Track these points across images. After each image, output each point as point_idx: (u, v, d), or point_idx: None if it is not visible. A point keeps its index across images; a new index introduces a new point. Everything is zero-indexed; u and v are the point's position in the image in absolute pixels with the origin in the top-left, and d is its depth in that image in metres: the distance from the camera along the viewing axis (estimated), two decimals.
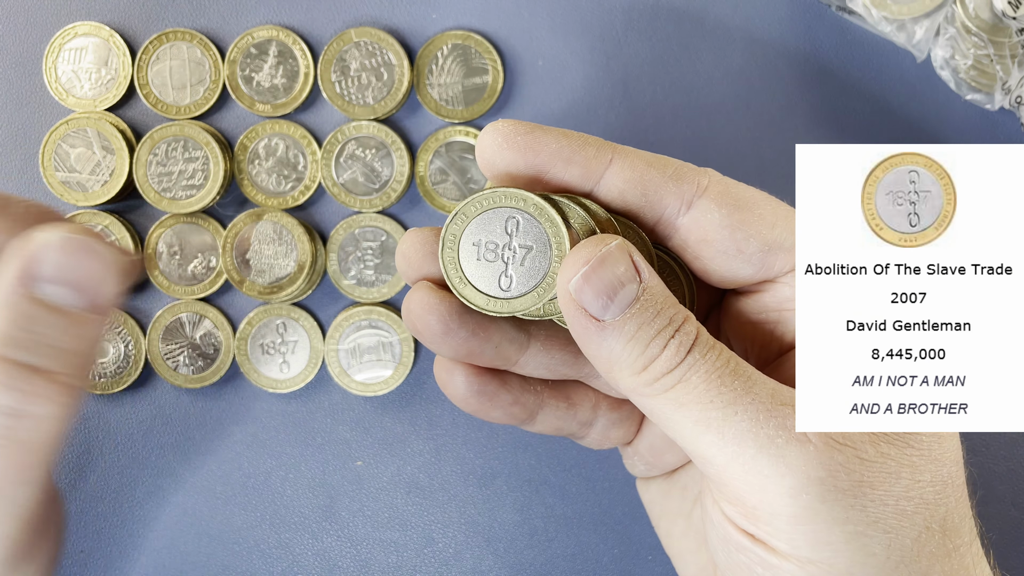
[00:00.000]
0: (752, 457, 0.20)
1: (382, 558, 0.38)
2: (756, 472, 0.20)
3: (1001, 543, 0.37)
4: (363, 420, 0.38)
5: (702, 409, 0.20)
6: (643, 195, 0.22)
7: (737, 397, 0.20)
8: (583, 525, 0.37)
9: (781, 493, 0.20)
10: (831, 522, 0.20)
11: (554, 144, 0.22)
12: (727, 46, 0.38)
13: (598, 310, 0.21)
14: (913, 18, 0.36)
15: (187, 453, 0.38)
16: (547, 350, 0.25)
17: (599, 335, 0.21)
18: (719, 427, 0.20)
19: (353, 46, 0.38)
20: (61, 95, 0.38)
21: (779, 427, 0.20)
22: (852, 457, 0.20)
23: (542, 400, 0.25)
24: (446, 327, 0.23)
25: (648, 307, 0.21)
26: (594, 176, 0.22)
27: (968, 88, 0.37)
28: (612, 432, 0.27)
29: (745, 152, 0.38)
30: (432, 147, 0.38)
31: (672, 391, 0.21)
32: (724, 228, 0.22)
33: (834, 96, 0.38)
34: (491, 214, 0.22)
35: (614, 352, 0.21)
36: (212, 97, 0.38)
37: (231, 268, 0.37)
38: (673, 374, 0.21)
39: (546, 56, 0.39)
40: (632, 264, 0.21)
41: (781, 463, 0.20)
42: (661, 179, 0.22)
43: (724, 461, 0.20)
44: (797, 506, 0.20)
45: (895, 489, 0.20)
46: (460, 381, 0.24)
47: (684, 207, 0.22)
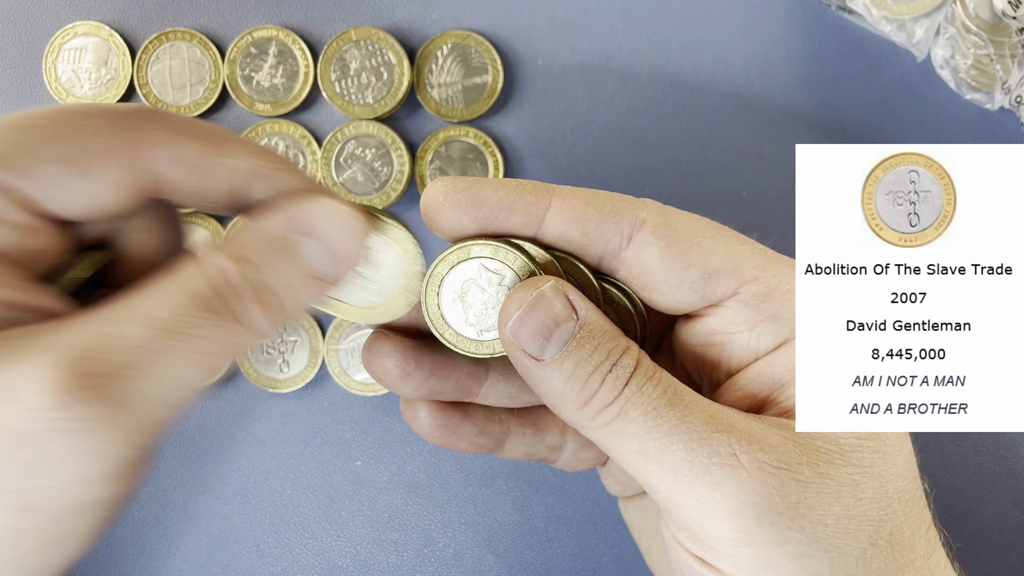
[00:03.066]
0: (689, 485, 0.21)
1: (382, 558, 0.38)
2: (694, 499, 0.21)
3: (1001, 543, 0.37)
4: (363, 420, 0.38)
5: (640, 440, 0.21)
6: (583, 233, 0.23)
7: (672, 428, 0.21)
8: (583, 525, 0.37)
9: (719, 519, 0.21)
10: (769, 544, 0.20)
11: (493, 196, 0.22)
12: (727, 46, 0.38)
13: (535, 350, 0.21)
14: (913, 18, 0.36)
15: (187, 453, 0.38)
16: (506, 379, 0.26)
17: (540, 373, 0.22)
18: (657, 457, 0.21)
19: (353, 46, 0.38)
20: (61, 95, 0.38)
21: (712, 454, 0.21)
22: (787, 480, 0.21)
23: (508, 428, 0.26)
24: (403, 371, 0.24)
25: (585, 343, 0.21)
26: (535, 221, 0.23)
27: (968, 88, 0.37)
28: (583, 454, 0.28)
29: (745, 152, 0.38)
30: (432, 147, 0.38)
31: (612, 424, 0.21)
32: (664, 260, 0.23)
33: (834, 96, 0.38)
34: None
35: (555, 388, 0.21)
36: (212, 97, 0.38)
37: None
38: (612, 408, 0.21)
39: (546, 56, 0.39)
40: (568, 303, 0.22)
41: (716, 490, 0.20)
42: (599, 216, 0.23)
43: (665, 489, 0.21)
44: (735, 530, 0.20)
45: (835, 508, 0.21)
46: (424, 416, 0.25)
47: (625, 241, 0.23)
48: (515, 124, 0.38)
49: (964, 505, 0.37)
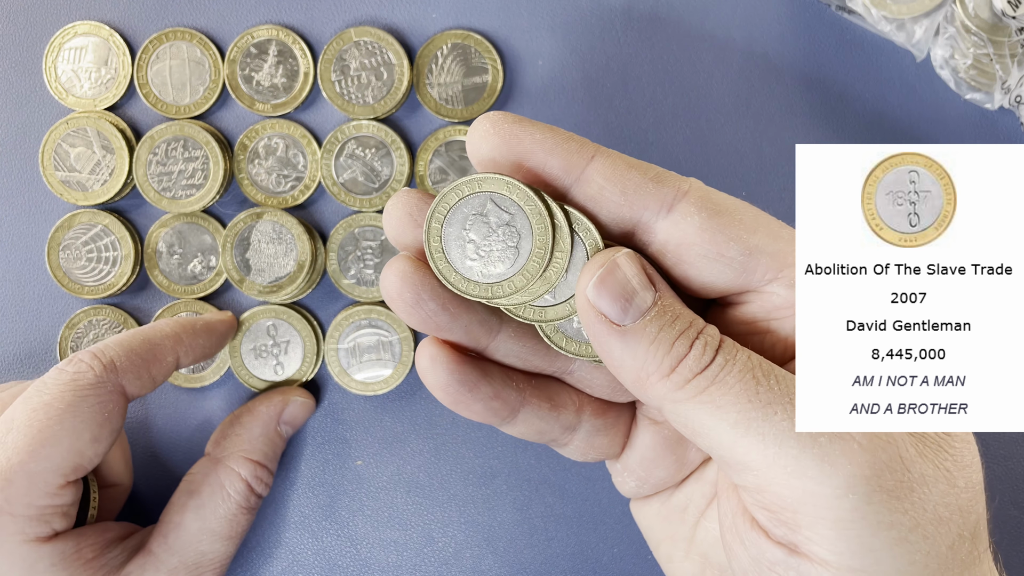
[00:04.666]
0: (795, 457, 0.19)
1: (382, 557, 0.38)
2: (799, 474, 0.19)
3: (1001, 543, 0.37)
4: (363, 419, 0.38)
5: (740, 410, 0.20)
6: (622, 193, 0.22)
7: (775, 397, 0.20)
8: (583, 525, 0.37)
9: (826, 494, 0.19)
10: (876, 526, 0.19)
11: (539, 135, 0.22)
12: (727, 46, 0.38)
13: (617, 315, 0.21)
14: (913, 17, 0.36)
15: (187, 454, 0.38)
16: (518, 338, 0.24)
17: (621, 340, 0.21)
18: (759, 428, 0.20)
19: (353, 45, 0.38)
20: (61, 94, 0.38)
21: None
22: (895, 456, 0.20)
23: (524, 398, 0.25)
24: (417, 297, 0.23)
25: (666, 312, 0.21)
26: (575, 170, 0.22)
27: (968, 87, 0.37)
28: (596, 440, 0.27)
29: (745, 152, 0.38)
30: (432, 146, 0.38)
31: (706, 393, 0.20)
32: (705, 231, 0.22)
33: (834, 96, 0.38)
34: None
35: (638, 356, 0.21)
36: (212, 96, 0.38)
37: (231, 268, 0.37)
38: (706, 374, 0.20)
39: (546, 56, 0.39)
40: (644, 272, 0.21)
41: (826, 462, 0.19)
42: (642, 180, 0.22)
43: (765, 464, 0.20)
44: (843, 508, 0.19)
45: (934, 493, 0.20)
46: (441, 368, 0.24)
47: (664, 210, 0.22)
48: None
49: None
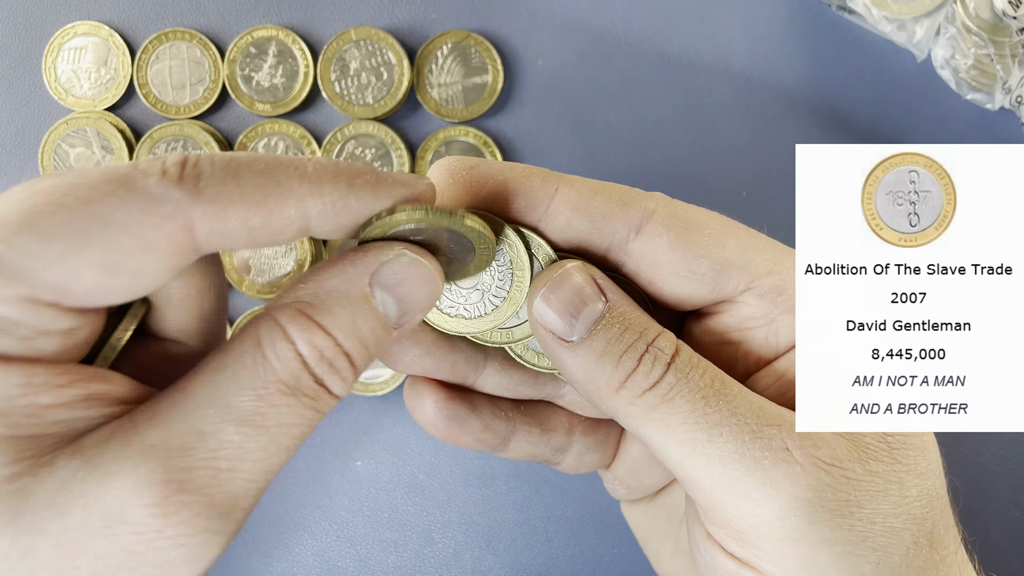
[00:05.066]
0: (739, 479, 0.20)
1: (382, 558, 0.38)
2: (743, 495, 0.20)
3: (1001, 543, 0.37)
4: (363, 420, 0.38)
5: (687, 431, 0.20)
6: (590, 221, 0.22)
7: (723, 419, 0.20)
8: (583, 525, 0.37)
9: (769, 516, 0.20)
10: (819, 543, 0.20)
11: (499, 177, 0.22)
12: (727, 46, 0.38)
13: (564, 330, 0.21)
14: (913, 17, 0.36)
15: None
16: (504, 370, 0.25)
17: (570, 355, 0.21)
18: (705, 449, 0.20)
19: (353, 46, 0.38)
20: (60, 95, 0.38)
21: (765, 448, 0.20)
22: (839, 477, 0.20)
23: (514, 426, 0.25)
24: (400, 347, 0.23)
25: (615, 323, 0.21)
26: (541, 206, 0.22)
27: (968, 87, 0.37)
28: (587, 457, 0.27)
29: (745, 152, 0.38)
30: (432, 147, 0.38)
31: (656, 411, 0.20)
32: (674, 250, 0.22)
33: (834, 96, 0.38)
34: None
35: (587, 370, 0.21)
36: (212, 97, 0.38)
37: (231, 268, 0.37)
38: (656, 392, 0.20)
39: (546, 56, 0.39)
40: (594, 282, 0.21)
41: (768, 485, 0.20)
42: (608, 205, 0.22)
43: (711, 484, 0.20)
44: (785, 528, 0.20)
45: (883, 507, 0.20)
46: (429, 406, 0.24)
47: (633, 232, 0.22)
48: (515, 124, 0.38)
49: (964, 505, 0.37)
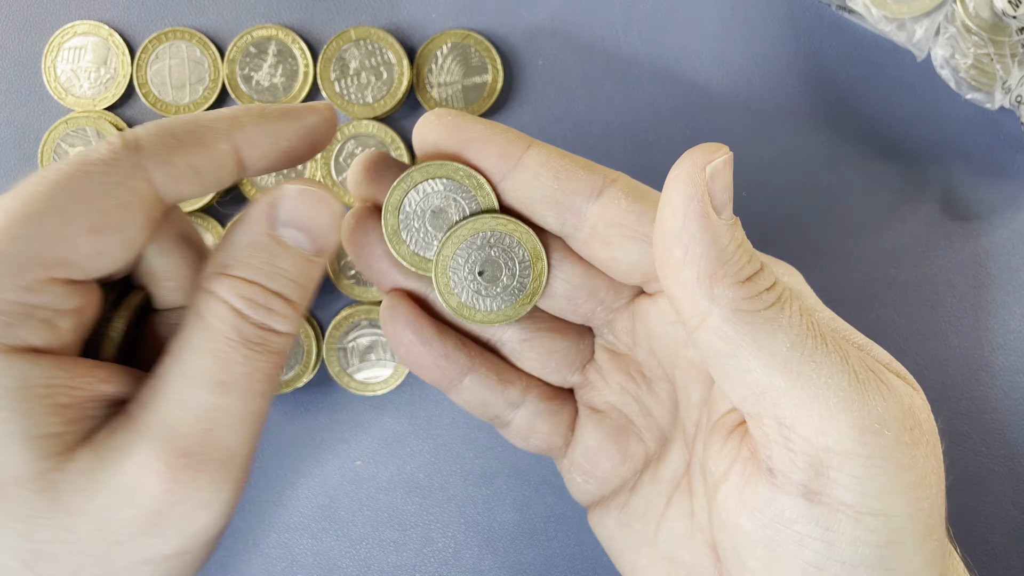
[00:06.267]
0: (843, 390, 0.20)
1: (382, 558, 0.38)
2: (844, 407, 0.20)
3: (1001, 543, 0.37)
4: (362, 420, 0.38)
5: (799, 335, 0.20)
6: (555, 177, 0.24)
7: (827, 332, 0.21)
8: (583, 525, 0.37)
9: (864, 429, 0.20)
10: (901, 468, 0.20)
11: (479, 127, 0.24)
12: (727, 46, 0.38)
13: (720, 203, 0.21)
14: (913, 17, 0.36)
15: None
16: None
17: (715, 228, 0.20)
18: (811, 356, 0.20)
19: (352, 45, 0.38)
20: (60, 94, 0.38)
21: (863, 365, 0.20)
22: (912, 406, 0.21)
23: (473, 365, 0.26)
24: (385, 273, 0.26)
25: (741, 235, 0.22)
26: (511, 158, 0.24)
27: (968, 87, 0.37)
28: (539, 424, 0.27)
29: (745, 152, 0.38)
30: None
31: (772, 309, 0.20)
32: (630, 213, 0.23)
33: (834, 96, 0.38)
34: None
35: (724, 251, 0.20)
36: (211, 96, 0.38)
37: None
38: (773, 292, 0.21)
39: (546, 56, 0.39)
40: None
41: (868, 397, 0.20)
42: (574, 167, 0.24)
43: (809, 394, 0.20)
44: (877, 444, 0.20)
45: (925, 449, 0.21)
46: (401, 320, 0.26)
47: (594, 195, 0.24)
48: (515, 124, 0.38)
49: (964, 505, 0.37)
